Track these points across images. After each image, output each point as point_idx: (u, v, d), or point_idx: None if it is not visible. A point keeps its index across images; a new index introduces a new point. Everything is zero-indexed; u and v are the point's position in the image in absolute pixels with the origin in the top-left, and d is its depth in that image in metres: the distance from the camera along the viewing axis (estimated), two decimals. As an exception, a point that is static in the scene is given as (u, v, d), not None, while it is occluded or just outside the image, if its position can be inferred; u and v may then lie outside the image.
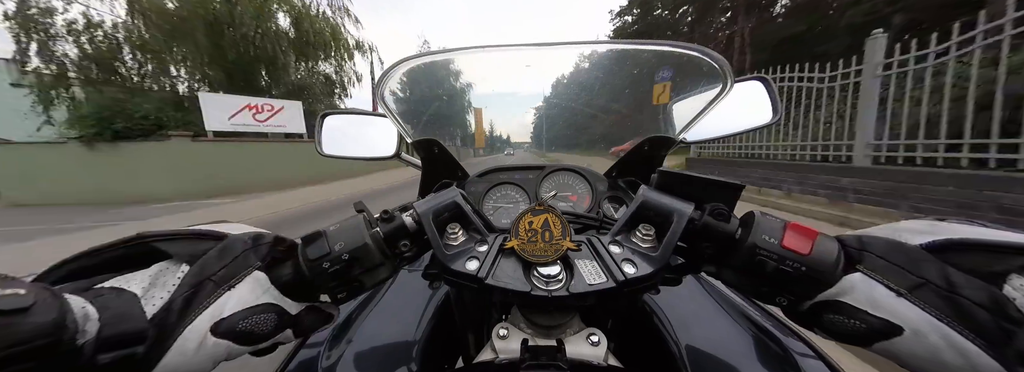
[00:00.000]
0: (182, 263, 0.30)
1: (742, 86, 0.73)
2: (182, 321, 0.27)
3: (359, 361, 0.55)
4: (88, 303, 0.24)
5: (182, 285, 0.28)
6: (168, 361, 0.26)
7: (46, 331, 0.20)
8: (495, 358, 0.39)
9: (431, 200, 0.40)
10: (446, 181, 0.79)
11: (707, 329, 0.58)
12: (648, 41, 0.58)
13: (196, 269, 0.30)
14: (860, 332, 0.30)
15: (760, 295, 0.36)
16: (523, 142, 1.18)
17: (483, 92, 0.92)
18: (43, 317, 0.20)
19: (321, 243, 0.37)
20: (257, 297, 0.32)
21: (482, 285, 0.35)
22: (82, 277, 0.28)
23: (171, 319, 0.27)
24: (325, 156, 0.91)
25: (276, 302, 0.33)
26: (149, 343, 0.25)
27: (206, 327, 0.28)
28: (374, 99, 0.67)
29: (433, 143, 0.72)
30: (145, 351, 0.25)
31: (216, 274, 0.30)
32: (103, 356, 0.23)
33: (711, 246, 0.36)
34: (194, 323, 0.28)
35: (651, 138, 0.72)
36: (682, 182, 0.38)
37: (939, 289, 0.27)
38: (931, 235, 0.30)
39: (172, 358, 0.26)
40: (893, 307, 0.28)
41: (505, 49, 0.61)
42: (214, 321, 0.29)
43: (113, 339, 0.24)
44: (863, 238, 0.33)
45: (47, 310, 0.20)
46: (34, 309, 0.20)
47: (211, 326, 0.28)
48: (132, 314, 0.25)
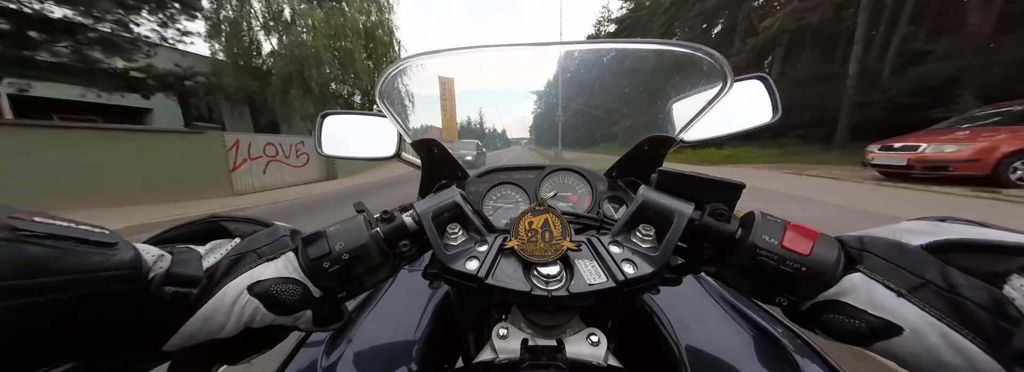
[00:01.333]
0: (236, 238, 0.39)
1: (742, 85, 0.73)
2: (226, 277, 0.34)
3: (359, 361, 0.55)
4: (165, 253, 0.32)
5: (232, 251, 0.36)
6: (210, 306, 0.32)
7: (127, 263, 0.27)
8: (495, 358, 0.39)
9: (431, 200, 0.40)
10: (446, 181, 0.79)
11: (707, 329, 0.58)
12: (648, 40, 0.58)
13: (245, 242, 0.37)
14: (860, 332, 0.30)
15: (760, 295, 0.36)
16: (521, 137, 1.18)
17: (483, 90, 0.92)
18: (124, 254, 0.27)
19: (321, 243, 0.37)
20: (289, 272, 0.36)
21: (482, 285, 0.35)
22: (175, 242, 0.37)
23: (219, 274, 0.34)
24: (325, 156, 0.91)
25: (303, 281, 0.37)
26: (200, 288, 0.32)
27: (244, 285, 0.34)
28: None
29: (433, 143, 0.72)
30: (197, 294, 0.32)
31: (259, 248, 0.37)
32: (167, 288, 0.30)
33: (711, 246, 0.36)
34: (236, 280, 0.34)
35: (651, 138, 0.72)
36: (682, 182, 0.38)
37: (939, 289, 0.27)
38: (932, 235, 0.30)
39: (213, 304, 0.32)
40: (893, 307, 0.28)
41: (505, 49, 0.61)
42: (252, 281, 0.34)
43: (175, 278, 0.31)
44: (864, 238, 0.33)
45: (127, 249, 0.28)
46: (119, 246, 0.27)
47: (248, 285, 0.34)
48: (192, 264, 0.33)
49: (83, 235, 0.25)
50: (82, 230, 0.26)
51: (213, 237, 0.39)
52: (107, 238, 0.27)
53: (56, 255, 0.23)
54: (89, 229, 0.27)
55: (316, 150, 0.92)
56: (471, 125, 1.08)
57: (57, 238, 0.24)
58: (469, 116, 1.01)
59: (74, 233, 0.25)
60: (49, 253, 0.23)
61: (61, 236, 0.24)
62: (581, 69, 0.83)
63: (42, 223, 0.24)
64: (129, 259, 0.27)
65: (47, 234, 0.24)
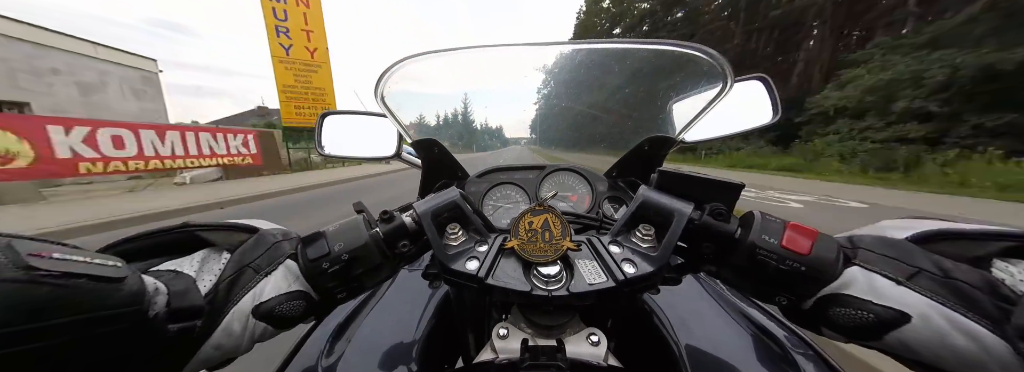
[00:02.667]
0: (223, 251, 0.35)
1: (742, 85, 0.73)
2: (229, 302, 0.32)
3: (359, 361, 0.55)
4: (159, 284, 0.28)
5: (227, 270, 0.33)
6: (218, 336, 0.31)
7: (135, 300, 0.25)
8: (495, 358, 0.39)
9: (431, 200, 0.40)
10: (446, 181, 0.78)
11: (707, 329, 0.58)
12: (648, 40, 0.58)
13: (237, 257, 0.35)
14: (869, 323, 0.30)
15: (760, 295, 0.36)
16: (520, 137, 1.18)
17: (483, 90, 0.91)
18: (132, 287, 0.25)
19: (321, 243, 0.37)
20: (289, 284, 0.35)
21: (482, 285, 0.35)
22: (137, 257, 0.32)
23: (219, 300, 0.31)
24: (325, 156, 0.91)
25: (305, 289, 0.36)
26: (204, 318, 0.30)
27: (248, 309, 0.33)
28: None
29: (433, 143, 0.72)
30: (202, 325, 0.30)
31: (254, 262, 0.34)
32: (172, 325, 0.27)
33: (711, 246, 0.36)
34: (239, 305, 0.32)
35: (651, 138, 0.72)
36: (682, 182, 0.38)
37: (934, 275, 0.28)
38: (912, 229, 0.32)
39: (221, 333, 0.31)
40: (895, 295, 0.29)
41: (505, 48, 0.61)
42: (255, 304, 0.33)
43: (178, 312, 0.28)
44: (852, 237, 0.34)
45: (135, 282, 0.25)
46: (127, 280, 0.25)
47: (252, 308, 0.33)
48: (190, 293, 0.30)
49: (95, 271, 0.24)
50: (95, 265, 0.24)
51: (187, 248, 0.36)
52: (116, 273, 0.25)
53: (67, 295, 0.22)
54: (102, 264, 0.25)
55: (317, 150, 0.92)
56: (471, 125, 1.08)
57: (71, 276, 0.22)
58: (469, 116, 1.01)
59: (87, 269, 0.24)
60: (61, 294, 0.22)
61: (75, 274, 0.23)
62: (581, 69, 0.83)
63: (59, 260, 0.23)
64: (132, 293, 0.25)
65: (62, 273, 0.22)
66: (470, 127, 1.04)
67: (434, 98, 0.88)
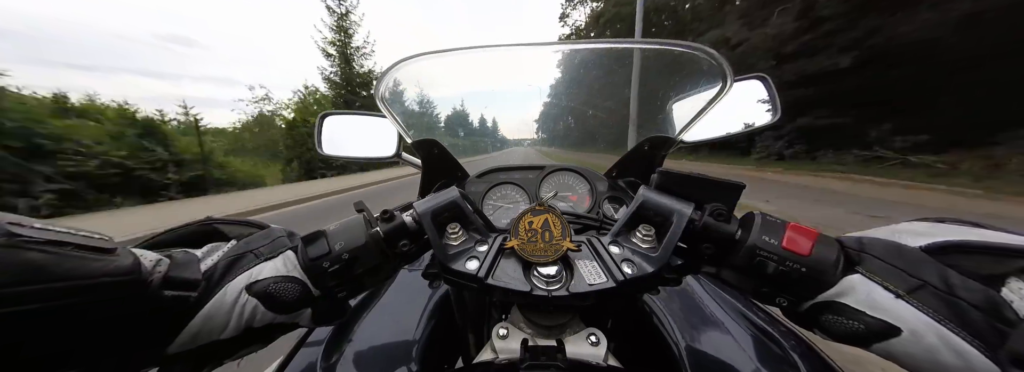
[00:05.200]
0: (233, 240, 0.39)
1: (742, 85, 0.73)
2: (225, 278, 0.34)
3: (359, 361, 0.55)
4: (163, 257, 0.32)
5: (229, 252, 0.36)
6: (210, 308, 0.32)
7: (125, 269, 0.27)
8: (495, 358, 0.39)
9: (431, 200, 0.40)
10: (446, 181, 0.78)
11: (707, 329, 0.58)
12: (649, 40, 0.58)
13: (242, 243, 0.38)
14: (859, 333, 0.30)
15: (760, 295, 0.36)
16: (523, 138, 1.18)
17: (484, 90, 0.91)
18: (123, 260, 0.27)
19: (321, 242, 0.37)
20: (288, 270, 0.36)
21: (482, 285, 0.35)
22: (170, 246, 0.37)
23: (217, 275, 0.34)
24: (325, 156, 0.91)
25: (302, 279, 0.37)
26: (200, 290, 0.32)
27: (242, 285, 0.34)
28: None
29: (433, 143, 0.72)
30: (197, 296, 0.32)
31: (257, 249, 0.37)
32: (166, 292, 0.30)
33: (711, 247, 0.36)
34: (234, 281, 0.34)
35: (651, 138, 0.72)
36: (682, 182, 0.38)
37: (937, 291, 0.27)
38: (930, 237, 0.30)
39: (213, 305, 0.33)
40: (891, 308, 0.28)
41: (505, 48, 0.61)
42: (250, 281, 0.35)
43: (174, 282, 0.31)
44: (863, 240, 0.33)
45: (126, 255, 0.28)
46: (118, 252, 0.27)
47: (247, 285, 0.34)
48: (191, 267, 0.33)
49: (82, 241, 0.25)
50: (81, 236, 0.26)
51: (208, 240, 0.39)
52: (106, 244, 0.27)
53: (55, 261, 0.23)
54: (88, 235, 0.27)
55: (317, 150, 0.92)
56: (472, 127, 1.08)
57: (56, 244, 0.24)
58: (469, 117, 1.01)
59: (73, 239, 0.25)
60: (48, 259, 0.23)
61: (60, 242, 0.24)
62: (581, 69, 0.83)
63: (41, 229, 0.24)
64: (128, 265, 0.27)
65: (46, 240, 0.23)
66: (472, 128, 1.04)
67: (435, 98, 0.88)
